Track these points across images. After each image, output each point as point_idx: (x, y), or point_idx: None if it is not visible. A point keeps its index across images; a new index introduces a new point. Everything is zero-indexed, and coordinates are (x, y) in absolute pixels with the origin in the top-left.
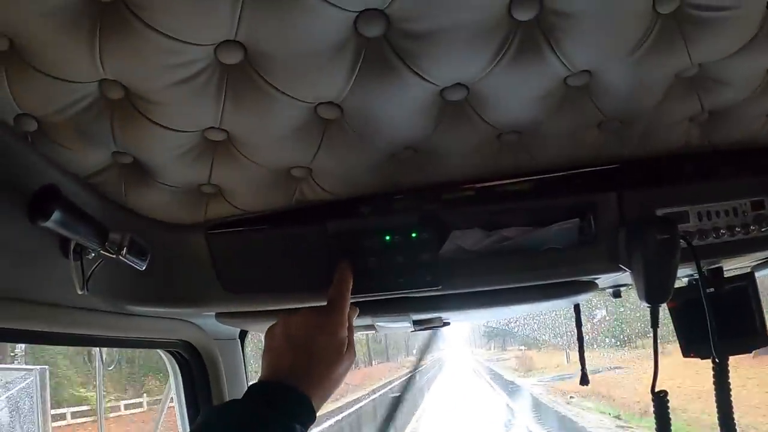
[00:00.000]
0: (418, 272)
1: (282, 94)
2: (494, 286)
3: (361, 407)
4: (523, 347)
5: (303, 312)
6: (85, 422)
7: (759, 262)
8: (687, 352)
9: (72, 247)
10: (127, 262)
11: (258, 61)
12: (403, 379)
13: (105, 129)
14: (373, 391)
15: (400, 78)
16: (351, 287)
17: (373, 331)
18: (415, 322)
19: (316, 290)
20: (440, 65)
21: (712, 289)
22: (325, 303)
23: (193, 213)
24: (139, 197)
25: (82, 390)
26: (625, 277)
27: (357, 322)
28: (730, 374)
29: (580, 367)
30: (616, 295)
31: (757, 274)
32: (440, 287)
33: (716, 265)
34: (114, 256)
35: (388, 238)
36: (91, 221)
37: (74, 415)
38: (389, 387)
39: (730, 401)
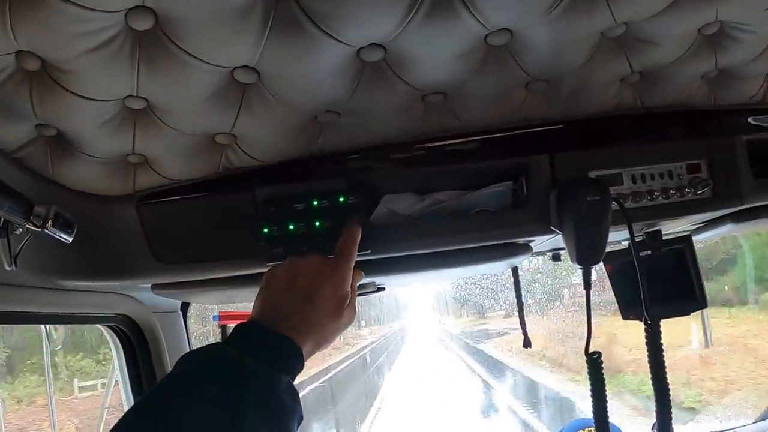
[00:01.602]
0: None
1: (195, 59)
2: (427, 250)
3: None
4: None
5: (310, 258)
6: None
7: (699, 225)
8: (626, 314)
9: None
10: (53, 235)
11: (169, 26)
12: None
13: (25, 101)
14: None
15: (312, 39)
16: (358, 242)
17: None
18: None
19: (248, 258)
20: (351, 25)
21: (648, 252)
22: (258, 270)
23: (122, 184)
24: (66, 170)
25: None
26: (561, 239)
27: None
28: None
29: None
30: (556, 258)
31: (695, 238)
32: (369, 252)
33: (655, 228)
34: (39, 229)
35: (315, 203)
36: (14, 195)
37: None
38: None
39: (663, 363)
